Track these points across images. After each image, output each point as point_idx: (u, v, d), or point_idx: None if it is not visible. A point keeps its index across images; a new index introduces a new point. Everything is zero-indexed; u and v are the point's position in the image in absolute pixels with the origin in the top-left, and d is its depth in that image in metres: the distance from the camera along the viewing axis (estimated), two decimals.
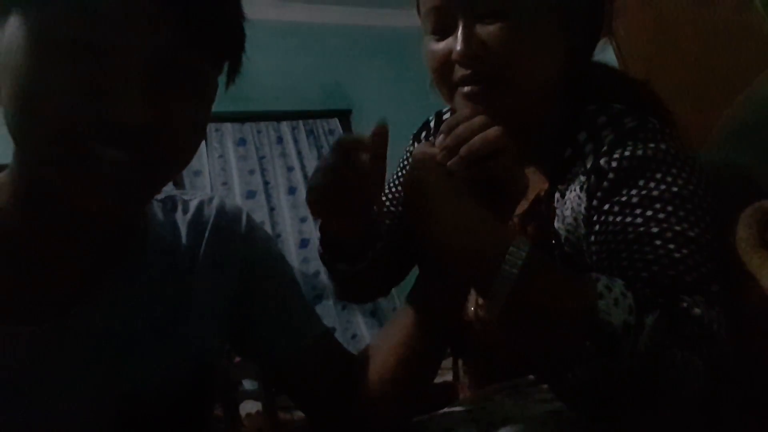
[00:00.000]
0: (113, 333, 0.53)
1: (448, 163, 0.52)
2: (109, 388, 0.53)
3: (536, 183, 0.69)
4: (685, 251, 0.52)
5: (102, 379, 0.52)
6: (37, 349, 0.50)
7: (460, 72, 0.62)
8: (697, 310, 0.47)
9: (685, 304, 0.48)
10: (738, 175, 0.72)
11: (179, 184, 2.75)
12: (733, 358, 0.48)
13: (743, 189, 0.70)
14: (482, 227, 0.50)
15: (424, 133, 0.87)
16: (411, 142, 0.90)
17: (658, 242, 0.52)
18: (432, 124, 0.87)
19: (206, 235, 0.63)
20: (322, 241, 0.74)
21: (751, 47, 1.57)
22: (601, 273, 0.54)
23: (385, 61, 3.58)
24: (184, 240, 0.62)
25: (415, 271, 0.65)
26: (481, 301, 0.69)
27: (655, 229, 0.53)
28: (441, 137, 0.54)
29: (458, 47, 0.60)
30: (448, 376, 0.90)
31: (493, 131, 0.51)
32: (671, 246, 0.52)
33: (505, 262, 0.47)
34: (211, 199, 0.66)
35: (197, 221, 0.63)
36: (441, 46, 0.63)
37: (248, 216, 0.68)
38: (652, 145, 0.58)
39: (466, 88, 0.62)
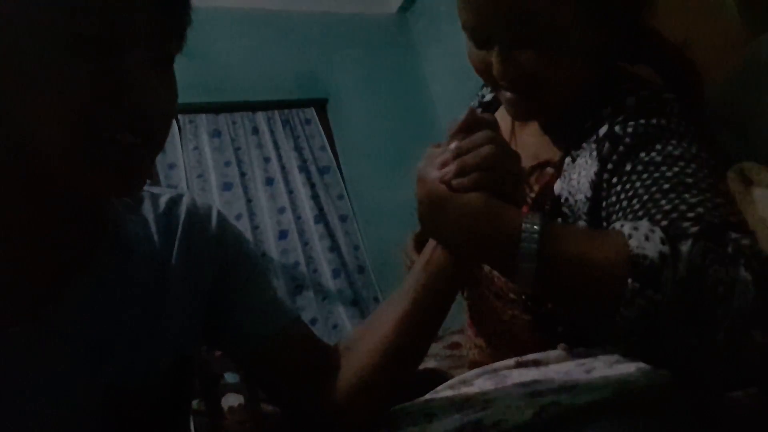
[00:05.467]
0: (88, 331, 0.53)
1: (446, 176, 0.54)
2: (89, 386, 0.52)
3: (549, 149, 0.73)
4: (720, 200, 0.54)
5: (81, 378, 0.52)
6: (11, 351, 0.49)
7: (499, 81, 0.67)
8: (745, 241, 0.49)
9: (734, 236, 0.49)
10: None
11: (153, 178, 2.70)
12: None
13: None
14: (489, 212, 0.51)
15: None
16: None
17: (694, 191, 0.54)
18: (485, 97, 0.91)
19: (178, 233, 0.63)
20: None
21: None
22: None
23: (360, 49, 3.56)
24: (156, 237, 0.62)
25: None
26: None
27: (690, 180, 0.55)
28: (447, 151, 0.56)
29: (495, 69, 0.65)
30: (431, 363, 0.91)
31: (486, 149, 0.52)
32: (709, 194, 0.54)
33: (522, 241, 0.47)
34: (180, 197, 0.66)
35: (168, 219, 0.64)
36: (481, 54, 0.67)
37: (219, 214, 0.68)
38: (663, 120, 0.61)
39: (508, 94, 0.68)
